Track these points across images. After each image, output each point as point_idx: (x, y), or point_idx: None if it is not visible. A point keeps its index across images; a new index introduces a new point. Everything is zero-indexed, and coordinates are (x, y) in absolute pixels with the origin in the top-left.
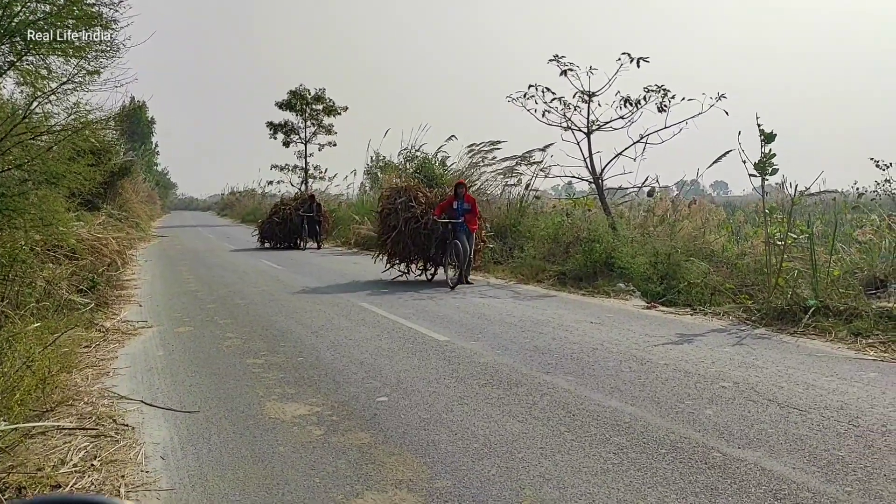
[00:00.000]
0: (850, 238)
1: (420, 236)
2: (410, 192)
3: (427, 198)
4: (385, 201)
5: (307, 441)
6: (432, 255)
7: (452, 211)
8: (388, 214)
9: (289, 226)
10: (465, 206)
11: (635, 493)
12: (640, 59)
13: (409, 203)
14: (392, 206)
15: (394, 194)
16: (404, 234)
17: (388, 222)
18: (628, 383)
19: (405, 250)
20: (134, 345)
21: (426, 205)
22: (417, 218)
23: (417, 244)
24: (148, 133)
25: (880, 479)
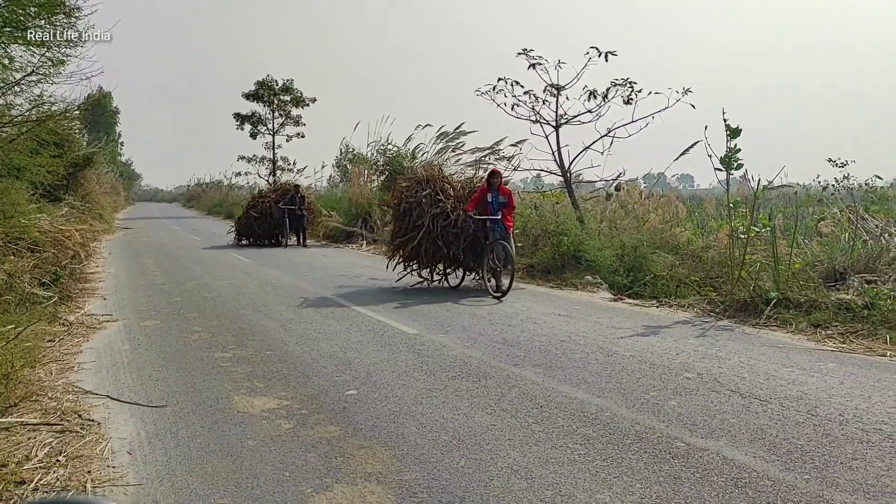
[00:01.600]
0: (811, 231)
1: (448, 236)
2: (436, 184)
3: (455, 190)
4: (404, 194)
5: (276, 435)
6: (459, 258)
7: (486, 205)
8: (410, 210)
9: (269, 221)
10: (501, 200)
11: (601, 482)
12: (607, 53)
13: (437, 196)
14: (415, 201)
15: (415, 186)
16: (433, 233)
17: (408, 220)
18: (595, 375)
19: (428, 253)
20: (99, 339)
21: (455, 198)
22: (448, 214)
23: (443, 245)
24: (112, 123)
25: (837, 466)
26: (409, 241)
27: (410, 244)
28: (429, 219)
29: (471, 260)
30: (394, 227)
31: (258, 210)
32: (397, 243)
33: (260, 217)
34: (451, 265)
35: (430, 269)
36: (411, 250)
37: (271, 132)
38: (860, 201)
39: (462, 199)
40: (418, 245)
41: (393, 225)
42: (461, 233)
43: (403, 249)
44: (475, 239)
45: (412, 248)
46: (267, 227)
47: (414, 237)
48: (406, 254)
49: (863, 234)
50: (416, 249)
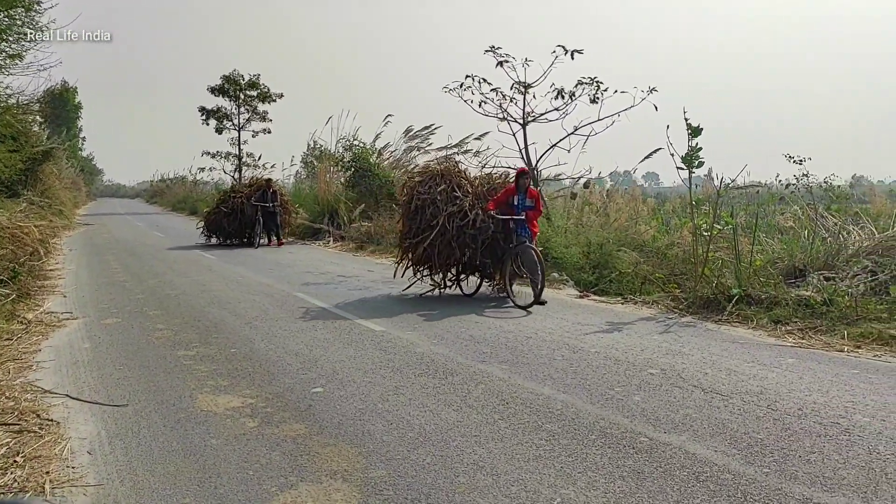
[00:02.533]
0: (772, 228)
1: (464, 237)
2: (452, 179)
3: (472, 186)
4: (416, 190)
5: (240, 433)
6: (476, 262)
7: (511, 208)
8: (422, 208)
9: (240, 218)
10: (528, 203)
11: (566, 478)
12: (574, 51)
13: (454, 193)
14: (429, 197)
15: (429, 181)
16: (448, 233)
17: (420, 218)
18: (561, 371)
19: (442, 255)
20: (58, 337)
21: (473, 195)
22: (465, 213)
23: (459, 247)
24: (74, 118)
25: (795, 460)
26: (420, 242)
27: (422, 245)
28: (444, 217)
29: (489, 265)
30: (403, 227)
31: (229, 206)
32: (407, 245)
33: (231, 213)
34: (467, 271)
35: (443, 275)
36: (423, 252)
37: (237, 128)
38: (820, 200)
39: (480, 196)
40: (431, 247)
41: (402, 224)
42: (479, 234)
43: (414, 252)
44: (494, 241)
45: (424, 250)
46: (238, 224)
47: (426, 238)
48: (417, 257)
49: (822, 232)
50: (429, 252)
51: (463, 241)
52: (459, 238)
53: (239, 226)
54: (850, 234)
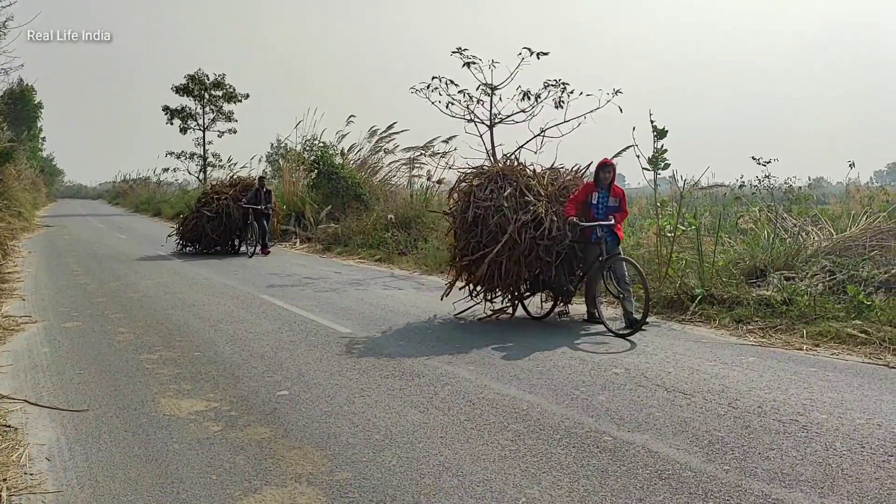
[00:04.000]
0: (734, 229)
1: (538, 250)
2: (519, 179)
3: (544, 188)
4: (474, 196)
5: (204, 437)
6: (548, 278)
7: (589, 209)
8: (483, 217)
9: (225, 222)
10: (611, 203)
11: (531, 478)
12: (539, 53)
13: (524, 197)
14: (492, 204)
15: (489, 184)
16: (519, 246)
17: (481, 230)
18: (526, 372)
19: (509, 274)
20: (17, 341)
21: (546, 198)
22: (540, 220)
23: (530, 263)
24: (34, 117)
25: (755, 457)
26: (481, 258)
27: (484, 263)
28: (514, 228)
29: (566, 282)
30: (457, 242)
31: (213, 209)
32: (465, 263)
33: (215, 217)
34: (535, 289)
35: (511, 296)
36: (486, 271)
37: (202, 128)
38: (780, 201)
39: (553, 199)
40: (495, 264)
41: (456, 238)
42: (554, 245)
43: (473, 271)
44: (571, 253)
45: (488, 267)
46: (223, 230)
47: (488, 253)
48: (478, 276)
49: (782, 233)
50: (493, 270)
51: (536, 255)
52: (532, 252)
53: (225, 230)
54: (809, 234)
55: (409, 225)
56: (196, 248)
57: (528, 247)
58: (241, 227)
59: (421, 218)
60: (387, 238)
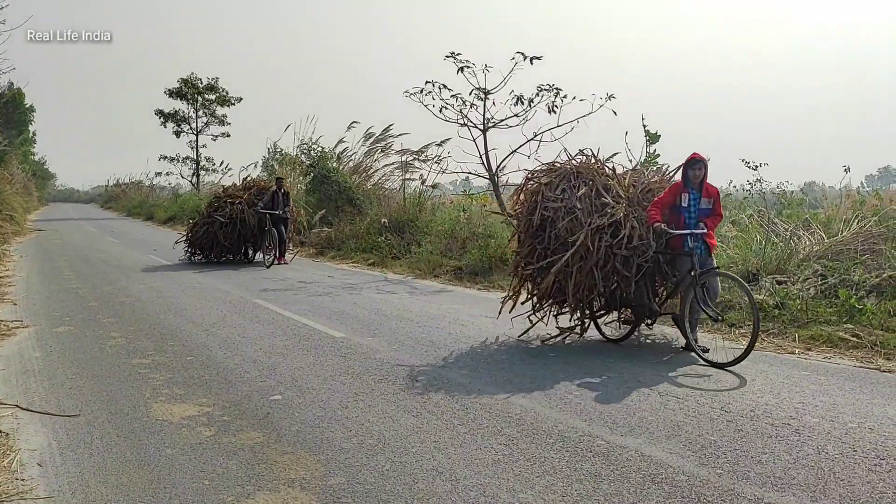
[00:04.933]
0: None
1: (613, 260)
2: (595, 179)
3: (624, 188)
4: (542, 195)
5: (196, 442)
6: (627, 294)
7: (678, 213)
8: (551, 220)
9: (239, 229)
10: (704, 205)
11: (524, 482)
12: (532, 57)
13: (601, 198)
14: (562, 206)
15: (559, 182)
16: (593, 255)
17: (550, 234)
18: (520, 376)
19: (580, 287)
20: (8, 346)
21: (626, 201)
22: (619, 226)
23: (606, 275)
24: (26, 121)
25: (747, 460)
26: (548, 267)
27: (550, 273)
28: (588, 234)
29: (649, 300)
30: (520, 247)
31: (225, 213)
32: (530, 272)
33: (228, 223)
34: (611, 306)
35: (581, 313)
36: (553, 283)
37: (195, 131)
38: (773, 205)
39: (635, 203)
40: (564, 274)
41: (519, 243)
42: (633, 256)
43: (539, 281)
44: (655, 265)
45: (555, 279)
46: (238, 237)
47: (556, 262)
48: (544, 288)
49: (773, 238)
50: (561, 282)
51: (612, 267)
52: (608, 262)
53: (239, 238)
54: (800, 239)
55: (403, 229)
56: (207, 256)
57: (603, 256)
58: (255, 233)
59: (414, 222)
60: (380, 242)
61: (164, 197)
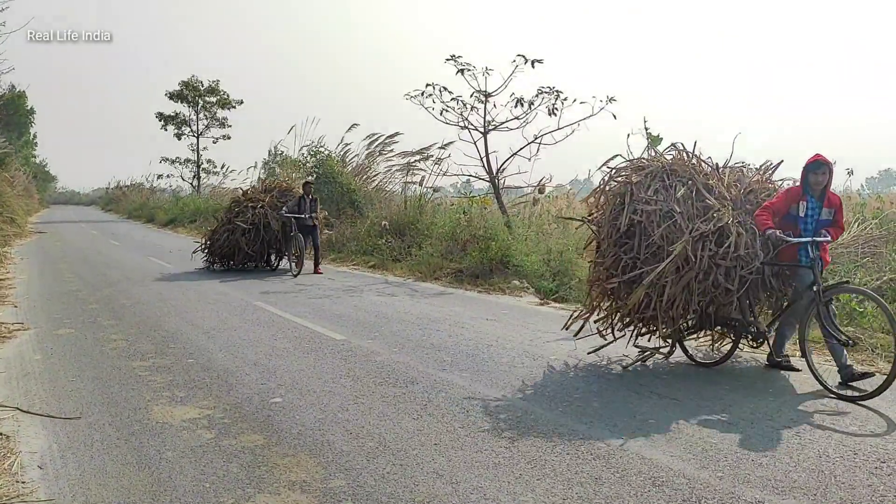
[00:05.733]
0: None
1: (715, 273)
2: (696, 177)
3: (727, 189)
4: (631, 195)
5: (197, 445)
6: (726, 313)
7: (793, 222)
8: (646, 224)
9: (262, 235)
10: (824, 216)
11: (524, 485)
12: (534, 60)
13: (703, 200)
14: (657, 208)
15: (651, 181)
16: (695, 267)
17: (640, 242)
18: (521, 378)
19: (677, 302)
20: (8, 348)
21: (731, 203)
22: (725, 233)
23: (703, 290)
24: (27, 123)
25: (748, 463)
26: (638, 280)
27: (641, 286)
28: (689, 242)
29: (751, 318)
30: (601, 257)
31: (247, 218)
32: (613, 285)
33: (251, 229)
34: (705, 325)
35: (671, 332)
36: (644, 298)
37: (196, 134)
38: None
39: (739, 205)
40: (657, 288)
41: (598, 252)
42: (737, 267)
43: (624, 296)
44: (760, 278)
45: (646, 294)
46: (261, 243)
47: (647, 273)
48: (631, 304)
49: None
50: (651, 297)
51: (714, 280)
52: (709, 274)
53: (262, 244)
54: None
55: (404, 231)
56: (228, 265)
57: (705, 267)
58: (280, 239)
59: (415, 224)
60: (381, 244)
61: (165, 199)
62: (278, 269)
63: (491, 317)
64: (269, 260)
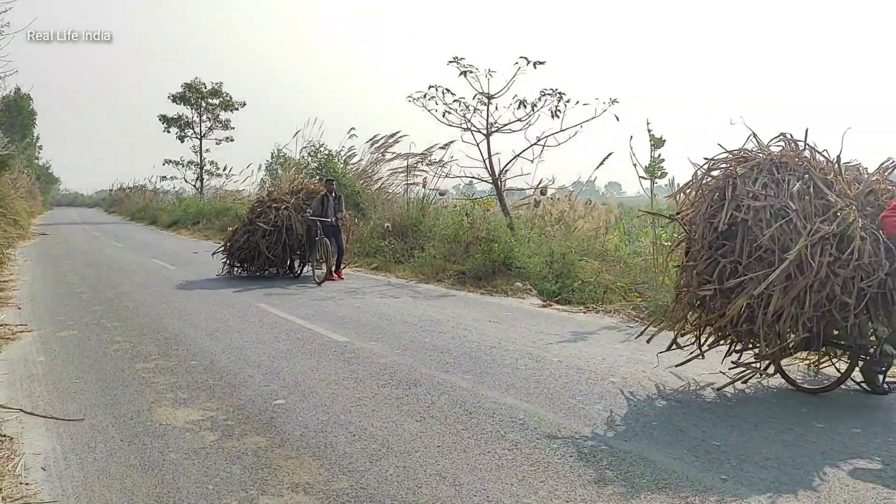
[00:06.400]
0: None
1: (832, 283)
2: (812, 171)
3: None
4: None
5: (200, 447)
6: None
7: None
8: (752, 224)
9: (285, 239)
10: None
11: (527, 487)
12: (536, 62)
13: (821, 197)
14: (767, 205)
15: (760, 174)
16: (812, 274)
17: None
18: (524, 380)
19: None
20: (12, 350)
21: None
22: (849, 238)
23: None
24: (30, 125)
25: (751, 466)
26: (738, 289)
27: (742, 295)
28: (807, 246)
29: (875, 335)
30: (692, 261)
31: (269, 220)
32: (706, 295)
33: (273, 232)
34: (814, 344)
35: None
36: (744, 311)
37: (198, 136)
38: None
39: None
40: (759, 299)
41: (689, 255)
42: (855, 278)
43: (718, 307)
44: (882, 292)
45: (747, 305)
46: (283, 247)
47: (750, 280)
48: (728, 317)
49: None
50: (754, 308)
51: (829, 292)
52: (825, 283)
53: (284, 248)
54: None
55: (406, 233)
56: (248, 269)
57: (822, 276)
58: (304, 243)
59: (417, 226)
60: (383, 246)
61: (168, 201)
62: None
63: (493, 318)
64: (292, 266)
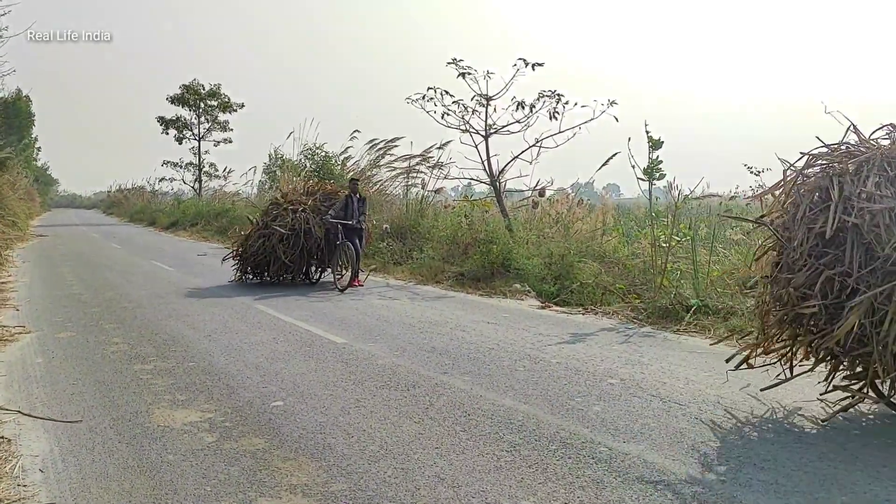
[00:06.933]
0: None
1: None
2: None
3: None
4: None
5: (198, 448)
6: None
7: None
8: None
9: (302, 243)
10: None
11: (526, 489)
12: (534, 63)
13: None
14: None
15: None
16: None
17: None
18: (522, 382)
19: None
20: (10, 352)
21: None
22: None
23: None
24: (28, 126)
25: (750, 467)
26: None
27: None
28: None
29: None
30: (783, 270)
31: (286, 223)
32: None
33: (290, 236)
34: None
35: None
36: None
37: (197, 137)
38: None
39: None
40: (876, 315)
41: (779, 267)
42: None
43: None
44: None
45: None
46: (300, 252)
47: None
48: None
49: None
50: (866, 327)
51: None
52: None
53: (301, 253)
54: None
55: (405, 235)
56: (262, 277)
57: None
58: (322, 248)
59: (416, 227)
60: (382, 248)
61: (167, 203)
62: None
63: (492, 320)
64: (309, 273)
